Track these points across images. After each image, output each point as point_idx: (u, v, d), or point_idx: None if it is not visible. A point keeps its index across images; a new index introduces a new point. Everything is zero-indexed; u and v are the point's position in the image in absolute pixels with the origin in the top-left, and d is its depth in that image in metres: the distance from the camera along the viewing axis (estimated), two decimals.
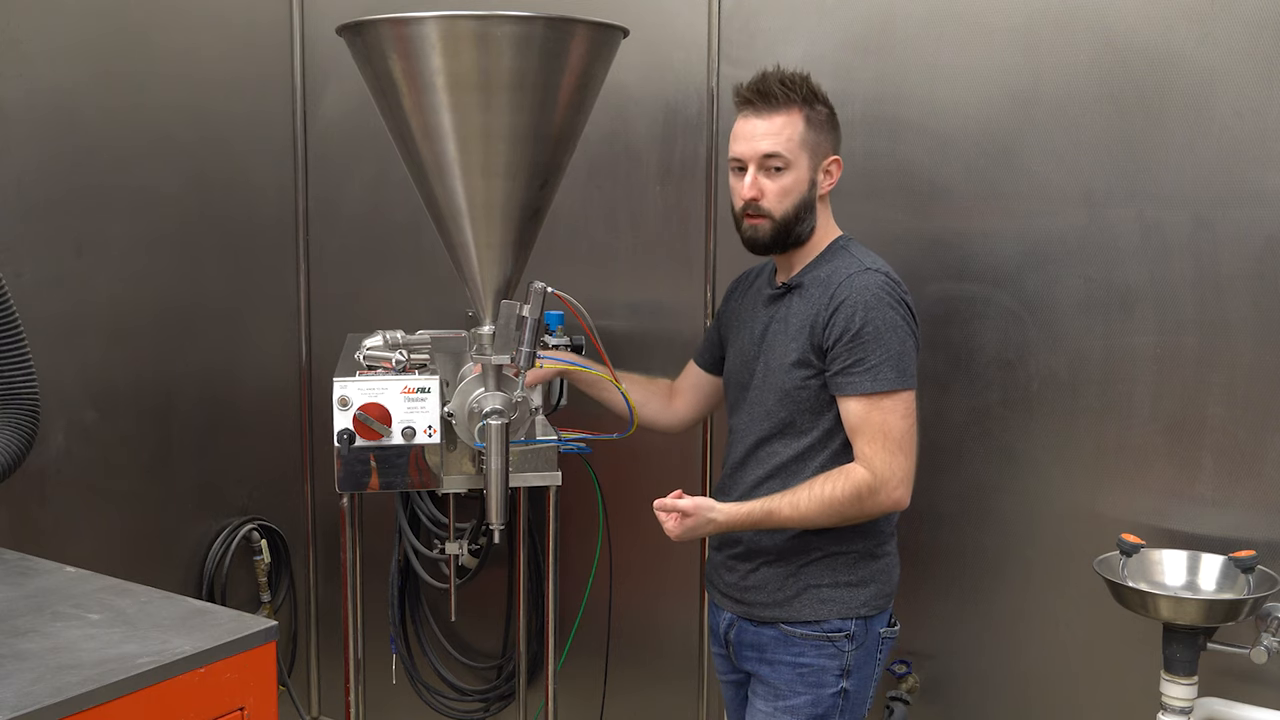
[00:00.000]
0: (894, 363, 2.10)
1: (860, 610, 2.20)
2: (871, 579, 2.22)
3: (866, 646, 2.23)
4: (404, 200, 3.01)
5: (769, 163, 2.17)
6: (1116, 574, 2.25)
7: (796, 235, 2.21)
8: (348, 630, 2.58)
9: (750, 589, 2.27)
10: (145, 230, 2.96)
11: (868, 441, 2.11)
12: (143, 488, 3.00)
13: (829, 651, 2.20)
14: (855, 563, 2.21)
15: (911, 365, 2.14)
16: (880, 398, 2.10)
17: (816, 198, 2.21)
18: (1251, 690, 2.27)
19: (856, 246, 2.25)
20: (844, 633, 2.20)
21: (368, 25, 2.29)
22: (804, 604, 2.21)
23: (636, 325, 2.97)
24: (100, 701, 1.55)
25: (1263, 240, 2.24)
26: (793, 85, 2.17)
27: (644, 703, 3.09)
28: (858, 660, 2.22)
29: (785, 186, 2.17)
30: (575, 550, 2.99)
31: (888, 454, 2.10)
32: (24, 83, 2.65)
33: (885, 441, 2.10)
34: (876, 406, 2.10)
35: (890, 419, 2.10)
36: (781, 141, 2.16)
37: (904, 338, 2.12)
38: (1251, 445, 2.28)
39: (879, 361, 2.09)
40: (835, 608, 2.20)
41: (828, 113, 2.22)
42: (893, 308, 2.12)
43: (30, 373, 2.19)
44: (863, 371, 2.10)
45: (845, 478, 2.11)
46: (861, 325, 2.10)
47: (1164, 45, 2.30)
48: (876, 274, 2.15)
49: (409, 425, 2.37)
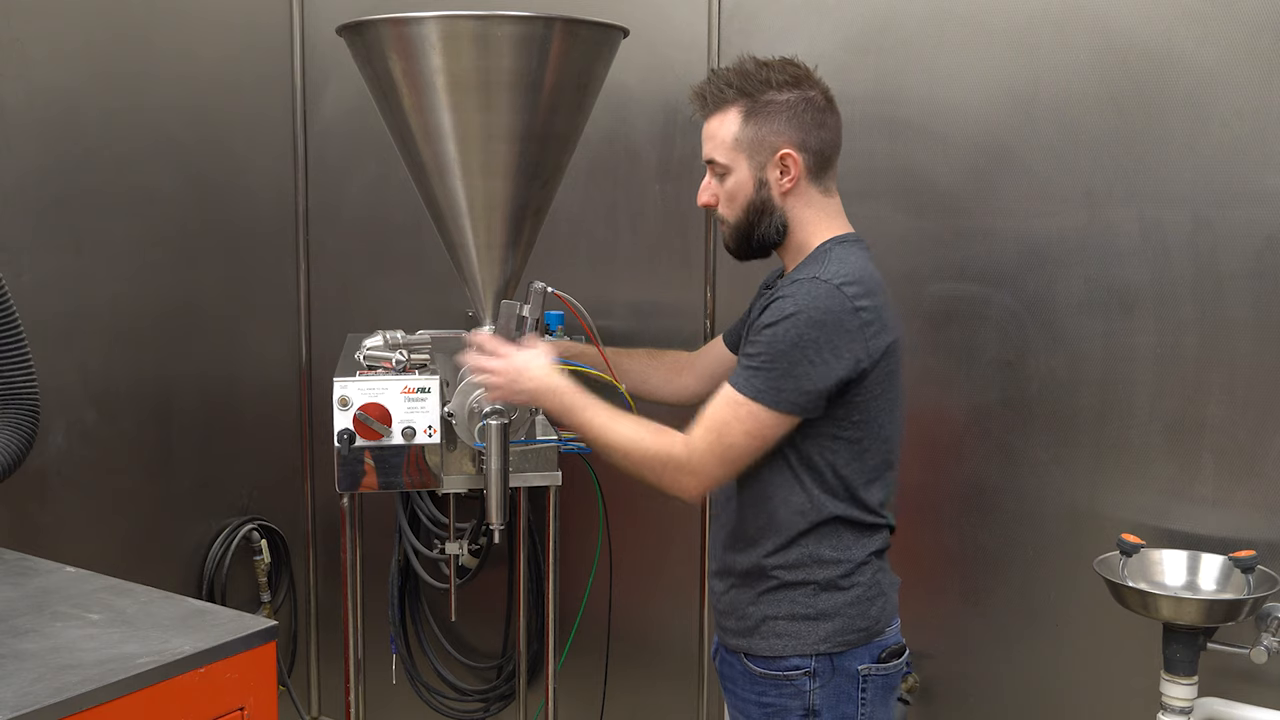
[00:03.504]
0: (767, 376, 1.90)
1: (819, 647, 1.98)
2: (835, 612, 1.99)
3: (837, 685, 1.99)
4: (404, 200, 3.01)
5: (714, 169, 2.05)
6: (1116, 574, 2.24)
7: (760, 238, 2.04)
8: (348, 630, 2.58)
9: (723, 613, 2.11)
10: (145, 230, 2.96)
11: (704, 428, 1.94)
12: (143, 488, 3.01)
13: (789, 691, 2.00)
14: (815, 594, 1.99)
15: (791, 392, 1.89)
16: (738, 400, 1.92)
17: (774, 197, 2.01)
18: (1251, 690, 2.27)
19: (840, 252, 2.00)
20: (803, 670, 1.99)
21: (368, 25, 2.29)
22: (762, 637, 2.02)
23: (636, 325, 2.97)
24: (100, 701, 1.55)
25: (1263, 240, 2.24)
26: (729, 82, 2.00)
27: (644, 703, 3.09)
28: (825, 699, 2.00)
29: (729, 190, 2.03)
30: (575, 550, 2.99)
31: (710, 451, 1.93)
32: (24, 83, 2.66)
33: (717, 440, 1.93)
34: (730, 406, 1.93)
35: (734, 426, 1.92)
36: (715, 146, 2.02)
37: (798, 360, 1.88)
38: (1251, 445, 2.28)
39: (757, 366, 1.91)
40: (791, 643, 1.99)
41: (789, 100, 1.99)
42: (813, 326, 1.88)
43: (30, 373, 2.19)
44: (744, 366, 1.95)
45: (668, 438, 1.96)
46: (767, 324, 1.92)
47: (1164, 45, 2.30)
48: (822, 284, 1.91)
49: (409, 425, 2.37)
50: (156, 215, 2.99)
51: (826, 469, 1.98)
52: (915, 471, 2.52)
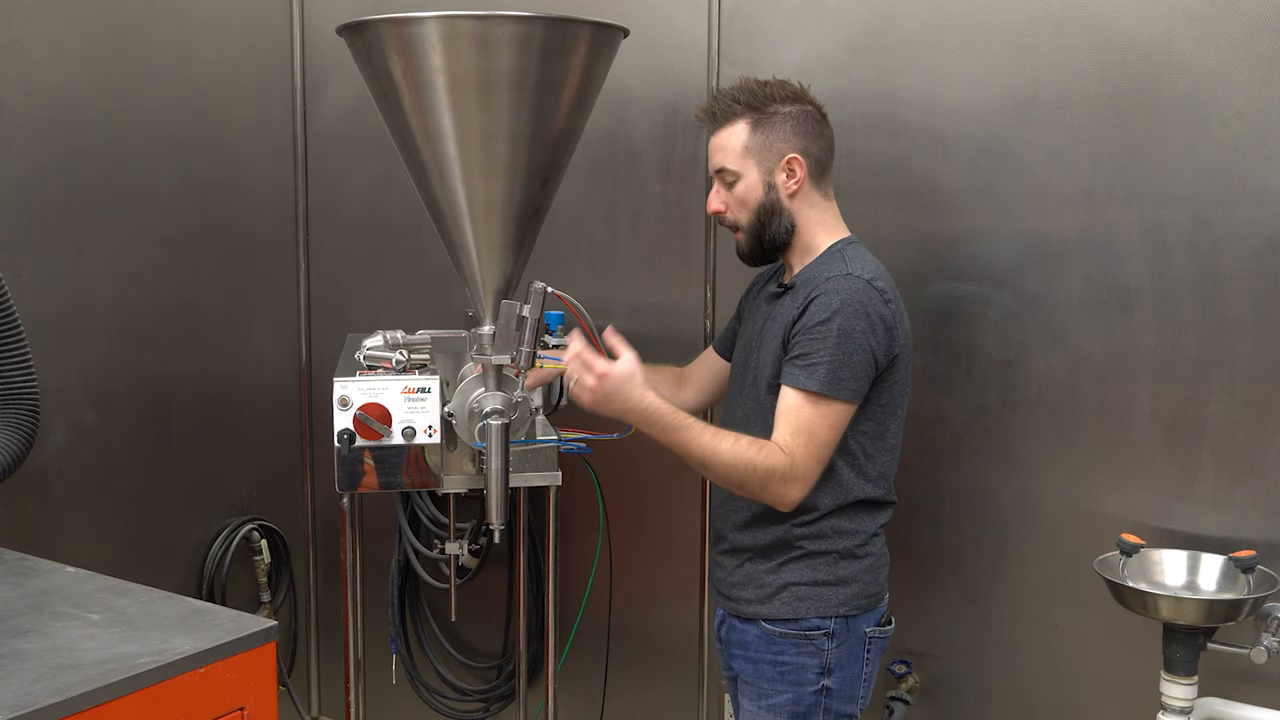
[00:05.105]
0: (831, 369, 2.06)
1: (839, 609, 2.18)
2: (853, 578, 2.19)
3: (849, 645, 2.20)
4: (404, 200, 3.02)
5: (723, 177, 2.24)
6: (1116, 574, 2.25)
7: (772, 239, 2.22)
8: (348, 630, 2.58)
9: (736, 585, 2.27)
10: (145, 230, 2.96)
11: (793, 433, 2.08)
12: (143, 488, 3.01)
13: (808, 650, 2.19)
14: (836, 562, 2.19)
15: (854, 380, 2.08)
16: (815, 399, 2.07)
17: (782, 199, 2.20)
18: (1251, 690, 2.27)
19: (854, 250, 2.21)
20: (823, 631, 2.18)
21: (368, 25, 2.29)
22: (783, 602, 2.20)
23: (637, 325, 2.96)
24: (100, 701, 1.55)
25: (1262, 240, 2.24)
26: (736, 98, 2.20)
27: (644, 703, 3.09)
28: (839, 658, 2.20)
29: (740, 196, 2.22)
30: (575, 550, 2.99)
31: (808, 454, 2.07)
32: (24, 83, 2.66)
33: (810, 443, 2.07)
34: (809, 406, 2.07)
35: (819, 424, 2.07)
36: (726, 155, 2.21)
37: (853, 350, 2.07)
38: (1251, 445, 2.28)
39: (819, 361, 2.07)
40: (814, 605, 2.18)
41: (791, 111, 2.19)
42: (857, 317, 2.08)
43: (30, 373, 2.19)
44: (803, 366, 2.08)
45: (769, 451, 2.07)
46: (818, 323, 2.08)
47: (1164, 45, 2.30)
48: (856, 279, 2.11)
49: (409, 425, 2.37)
50: (156, 215, 2.99)
51: (859, 452, 2.17)
52: (915, 471, 2.53)
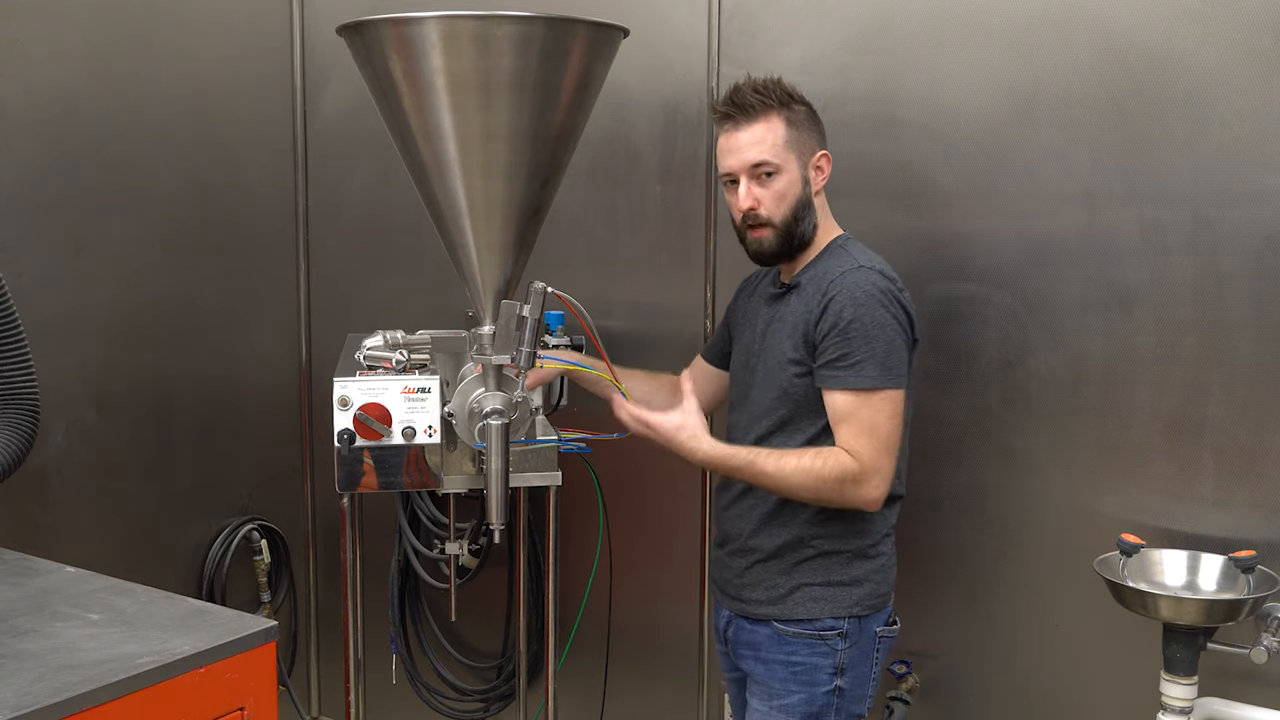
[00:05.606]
0: (879, 360, 2.09)
1: (853, 610, 2.20)
2: (865, 579, 2.21)
3: (861, 645, 2.22)
4: (404, 200, 3.01)
5: (759, 170, 2.18)
6: (1116, 574, 2.25)
7: (800, 237, 2.21)
8: (348, 630, 2.58)
9: (745, 586, 2.27)
10: (145, 230, 2.96)
11: (855, 435, 2.09)
12: (143, 488, 3.01)
13: (822, 650, 2.20)
14: (849, 562, 2.20)
15: (899, 364, 2.12)
16: (868, 394, 2.09)
17: (812, 195, 2.22)
18: (1251, 690, 2.27)
19: (854, 245, 2.24)
20: (837, 631, 2.20)
21: (368, 25, 2.29)
22: (796, 602, 2.21)
23: (636, 325, 2.97)
24: (100, 701, 1.55)
25: (1262, 240, 2.24)
26: (766, 91, 2.18)
27: (644, 703, 3.09)
28: (852, 658, 2.21)
29: (779, 190, 2.18)
30: (575, 550, 2.99)
31: (875, 450, 2.09)
32: (24, 83, 2.66)
33: (872, 438, 2.09)
34: (864, 403, 2.09)
35: (878, 418, 2.09)
36: (767, 148, 2.17)
37: (891, 336, 2.11)
38: (1251, 445, 2.28)
39: (864, 358, 2.09)
40: (827, 606, 2.20)
41: (806, 110, 2.22)
42: (883, 306, 2.11)
43: (30, 373, 2.19)
44: (847, 367, 2.10)
45: (834, 458, 2.09)
46: (849, 320, 2.10)
47: (1164, 45, 2.30)
48: (870, 271, 2.14)
49: (409, 425, 2.37)
50: (156, 215, 2.99)
51: None
52: (915, 471, 2.52)
